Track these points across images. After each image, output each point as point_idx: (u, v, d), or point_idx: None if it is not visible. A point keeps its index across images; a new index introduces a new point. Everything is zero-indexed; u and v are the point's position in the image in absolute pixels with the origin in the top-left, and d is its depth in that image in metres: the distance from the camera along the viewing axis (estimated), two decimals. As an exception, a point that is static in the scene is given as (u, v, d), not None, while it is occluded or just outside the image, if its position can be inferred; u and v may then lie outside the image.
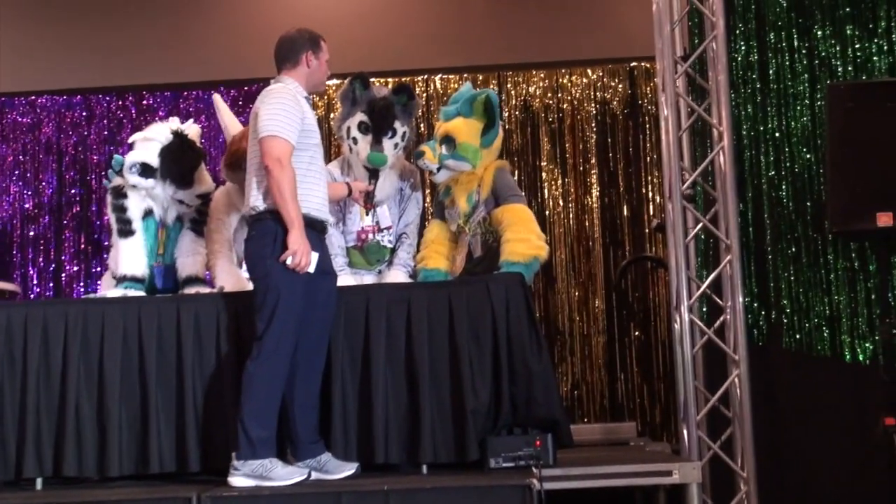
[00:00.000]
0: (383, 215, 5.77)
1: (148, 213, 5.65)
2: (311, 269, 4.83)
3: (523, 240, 5.45)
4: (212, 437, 5.15)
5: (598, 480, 5.10)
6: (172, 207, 5.67)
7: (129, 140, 5.78)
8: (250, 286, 5.13)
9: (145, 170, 5.51)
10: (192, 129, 5.85)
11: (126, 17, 8.70)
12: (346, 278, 5.52)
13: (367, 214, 5.72)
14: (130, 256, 5.60)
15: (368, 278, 5.75)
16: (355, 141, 5.74)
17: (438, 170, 5.73)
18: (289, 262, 4.77)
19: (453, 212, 5.78)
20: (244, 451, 4.75)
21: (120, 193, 5.65)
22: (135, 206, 5.63)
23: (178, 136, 5.61)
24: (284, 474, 4.75)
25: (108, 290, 5.64)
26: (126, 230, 5.63)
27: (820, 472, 6.30)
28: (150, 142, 5.58)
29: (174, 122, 5.73)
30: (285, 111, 4.88)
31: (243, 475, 4.74)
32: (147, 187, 5.56)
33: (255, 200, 4.93)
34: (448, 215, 5.83)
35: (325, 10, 8.57)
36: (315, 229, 4.95)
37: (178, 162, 5.55)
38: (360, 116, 5.73)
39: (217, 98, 6.26)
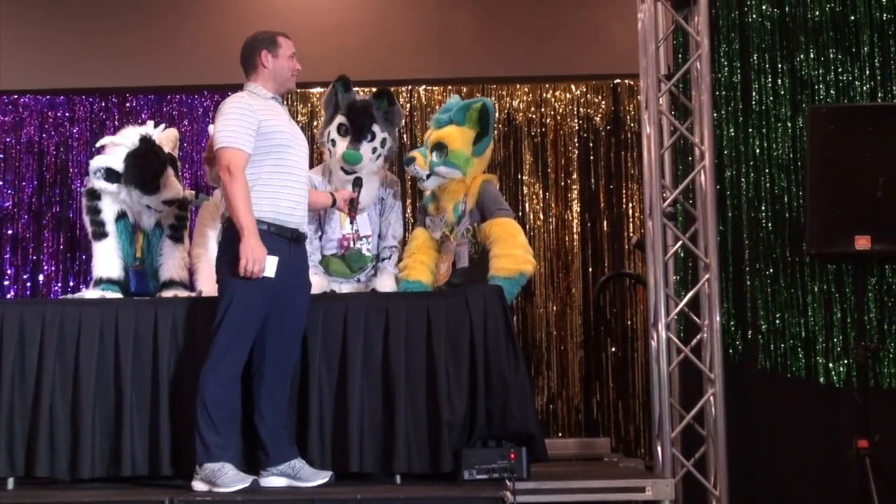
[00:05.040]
0: (363, 223, 5.75)
1: (121, 216, 5.65)
2: (271, 274, 4.81)
3: (510, 255, 5.46)
4: (185, 441, 5.11)
5: (571, 495, 5.13)
6: (145, 213, 5.66)
7: (98, 144, 5.80)
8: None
9: (109, 174, 5.53)
10: (169, 135, 5.85)
11: (111, 18, 8.66)
12: (315, 278, 5.46)
13: (351, 223, 5.66)
14: (105, 258, 5.62)
15: (346, 287, 5.73)
16: (334, 143, 5.73)
17: (428, 177, 5.72)
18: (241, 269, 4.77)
19: (437, 219, 5.78)
20: (199, 454, 4.78)
21: (94, 196, 5.65)
22: (108, 209, 5.64)
23: (145, 142, 5.60)
24: (228, 480, 4.73)
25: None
26: (100, 232, 5.64)
27: (792, 493, 6.32)
28: (117, 146, 5.60)
29: (148, 127, 5.73)
30: (235, 120, 4.90)
31: (199, 479, 4.77)
32: (111, 192, 5.56)
33: (222, 208, 5.05)
34: (431, 223, 5.82)
35: (309, 17, 8.53)
36: (283, 236, 4.93)
37: (142, 167, 5.54)
38: (339, 119, 5.74)
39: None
